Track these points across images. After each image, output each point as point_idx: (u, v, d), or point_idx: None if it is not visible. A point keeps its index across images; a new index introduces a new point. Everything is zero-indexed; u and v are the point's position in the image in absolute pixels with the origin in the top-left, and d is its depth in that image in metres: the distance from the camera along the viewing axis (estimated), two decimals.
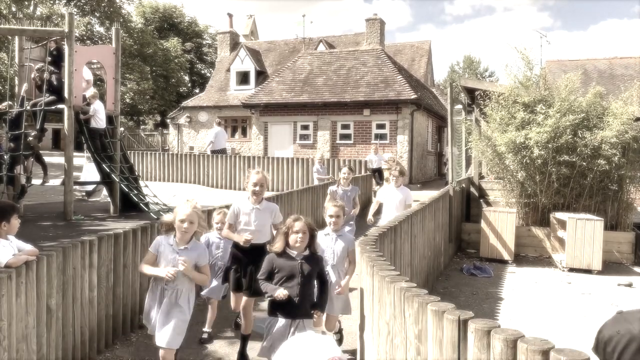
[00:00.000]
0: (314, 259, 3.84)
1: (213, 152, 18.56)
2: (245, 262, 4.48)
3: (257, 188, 4.46)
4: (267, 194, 4.87)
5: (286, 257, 3.77)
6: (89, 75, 11.29)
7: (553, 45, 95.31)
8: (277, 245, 3.81)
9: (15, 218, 3.72)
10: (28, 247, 3.81)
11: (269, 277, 3.81)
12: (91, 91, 10.81)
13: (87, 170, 13.25)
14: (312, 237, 3.81)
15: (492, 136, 10.03)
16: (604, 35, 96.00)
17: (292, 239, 3.73)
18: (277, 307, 3.73)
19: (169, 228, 3.83)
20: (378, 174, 15.61)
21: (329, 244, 4.48)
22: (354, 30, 71.19)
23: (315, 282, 3.89)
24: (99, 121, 10.73)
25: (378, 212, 7.14)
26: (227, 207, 4.99)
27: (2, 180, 9.66)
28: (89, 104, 10.66)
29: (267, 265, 3.83)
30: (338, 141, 20.25)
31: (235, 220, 4.52)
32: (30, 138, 10.23)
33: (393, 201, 6.78)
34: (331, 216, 4.52)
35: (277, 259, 3.79)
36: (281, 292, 3.63)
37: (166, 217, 3.91)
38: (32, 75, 10.66)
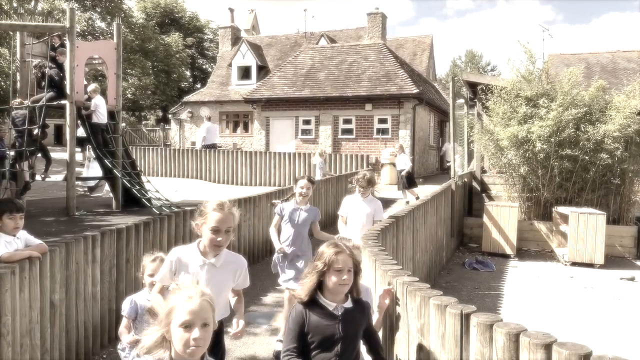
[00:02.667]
0: (359, 310, 2.65)
1: (205, 147, 18.64)
2: None
3: (220, 238, 2.78)
4: (265, 189, 4.67)
5: (320, 311, 2.56)
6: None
7: (555, 39, 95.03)
8: (303, 291, 2.60)
9: (9, 217, 3.71)
10: (36, 242, 3.82)
11: (301, 348, 2.55)
12: (92, 86, 10.81)
13: (89, 166, 13.26)
14: (356, 276, 2.63)
15: (495, 130, 10.01)
16: (606, 29, 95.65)
17: (333, 282, 2.53)
18: None
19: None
20: (406, 178, 13.19)
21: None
22: (355, 24, 71.02)
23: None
24: (100, 116, 10.73)
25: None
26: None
27: (5, 176, 9.67)
28: (90, 99, 10.65)
29: (296, 327, 2.57)
30: (340, 136, 20.22)
31: (171, 280, 2.84)
32: (35, 132, 10.23)
33: (359, 215, 5.29)
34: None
35: (310, 315, 2.56)
36: None
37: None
38: (33, 72, 10.66)
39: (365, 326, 2.69)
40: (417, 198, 11.46)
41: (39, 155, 10.90)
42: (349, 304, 2.60)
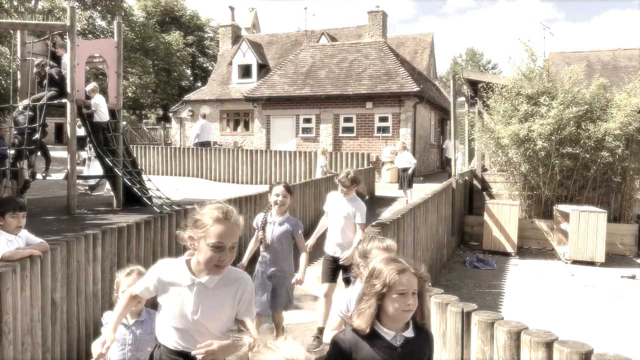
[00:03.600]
0: (422, 339, 2.18)
1: (199, 144, 18.68)
2: None
3: (224, 257, 2.16)
4: (266, 188, 4.45)
5: (375, 342, 2.08)
6: None
7: (556, 36, 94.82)
8: (363, 319, 2.08)
9: (12, 215, 3.72)
10: (37, 241, 3.82)
11: None
12: (91, 85, 10.78)
13: (90, 165, 13.28)
14: (421, 298, 2.15)
15: (495, 128, 10.01)
16: (607, 27, 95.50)
17: (396, 308, 2.05)
18: None
19: None
20: (406, 177, 12.96)
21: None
22: (356, 22, 70.91)
23: None
24: (102, 115, 10.73)
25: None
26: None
27: (6, 174, 9.68)
28: (89, 98, 10.65)
29: None
30: (340, 134, 20.21)
31: (149, 294, 2.39)
32: (37, 134, 10.24)
33: (339, 213, 4.93)
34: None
35: (360, 347, 2.08)
36: None
37: None
38: (34, 71, 10.65)
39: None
40: (407, 202, 11.43)
41: (39, 154, 10.91)
42: (410, 332, 2.11)
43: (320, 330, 4.59)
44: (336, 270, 4.81)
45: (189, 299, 2.20)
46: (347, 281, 4.55)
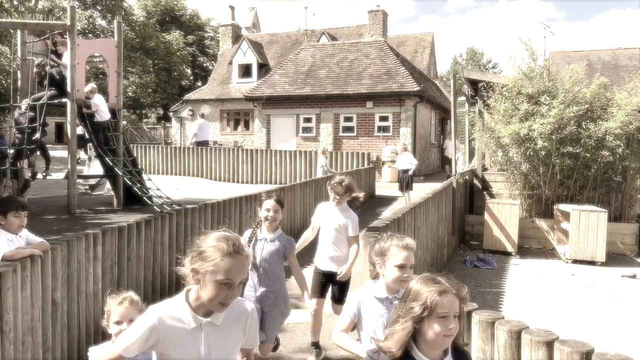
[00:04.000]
0: None
1: (197, 143, 18.70)
2: None
3: (231, 296, 1.92)
4: (266, 187, 4.18)
5: None
6: None
7: (557, 36, 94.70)
8: (395, 343, 1.88)
9: (14, 215, 3.72)
10: (38, 240, 3.82)
11: None
12: (89, 87, 10.71)
13: (90, 164, 13.28)
14: (461, 320, 1.97)
15: (496, 128, 10.00)
16: (607, 26, 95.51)
17: (436, 332, 1.86)
18: None
19: None
20: (405, 179, 12.71)
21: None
22: (356, 22, 70.82)
23: None
24: (102, 114, 10.74)
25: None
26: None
27: (6, 174, 9.68)
28: (88, 99, 10.61)
29: None
30: (341, 134, 20.21)
31: (141, 350, 1.99)
32: (37, 134, 10.24)
33: (330, 225, 4.52)
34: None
35: None
36: None
37: None
38: (34, 71, 10.65)
39: None
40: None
41: (38, 153, 10.92)
42: (449, 358, 1.93)
43: (315, 344, 4.47)
44: (326, 284, 4.57)
45: (198, 342, 1.96)
46: (340, 300, 4.43)
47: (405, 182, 12.72)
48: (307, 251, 4.94)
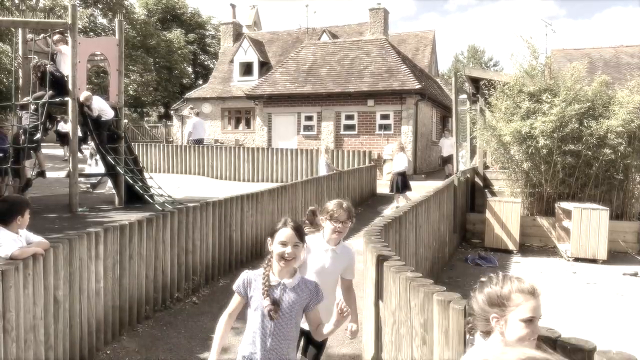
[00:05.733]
0: None
1: (193, 142, 18.74)
2: None
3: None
4: (268, 185, 3.34)
5: None
6: None
7: (558, 34, 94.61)
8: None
9: (29, 213, 3.78)
10: (37, 239, 3.83)
11: None
12: (84, 95, 10.42)
13: (92, 163, 13.29)
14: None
15: (497, 126, 9.99)
16: (609, 24, 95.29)
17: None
18: None
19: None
20: (400, 180, 11.98)
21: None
22: (357, 20, 70.73)
23: None
24: (107, 113, 10.73)
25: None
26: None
27: (8, 172, 9.69)
28: (88, 107, 10.43)
29: None
30: (342, 132, 20.20)
31: None
32: (39, 133, 10.22)
33: (326, 268, 3.19)
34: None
35: None
36: None
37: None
38: (32, 72, 10.64)
39: None
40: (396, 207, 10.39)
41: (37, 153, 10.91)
42: None
43: None
44: (307, 345, 3.22)
45: None
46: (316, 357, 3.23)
47: (402, 183, 11.88)
48: None
